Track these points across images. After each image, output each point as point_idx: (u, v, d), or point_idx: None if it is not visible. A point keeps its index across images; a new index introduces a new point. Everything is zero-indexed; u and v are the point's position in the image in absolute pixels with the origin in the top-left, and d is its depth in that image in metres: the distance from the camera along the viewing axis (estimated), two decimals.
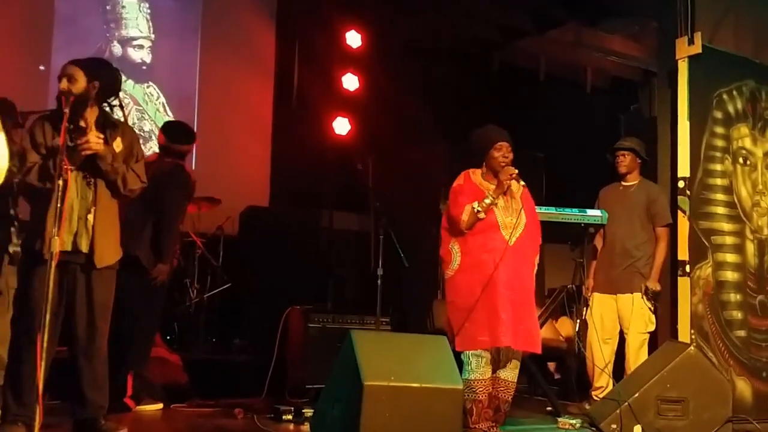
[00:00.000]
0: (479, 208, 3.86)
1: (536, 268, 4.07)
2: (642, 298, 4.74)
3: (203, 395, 4.62)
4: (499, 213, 3.92)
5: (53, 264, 3.04)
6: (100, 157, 3.37)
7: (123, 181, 3.47)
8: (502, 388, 3.90)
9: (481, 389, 3.84)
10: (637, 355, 4.70)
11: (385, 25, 7.20)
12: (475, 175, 4.07)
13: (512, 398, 4.01)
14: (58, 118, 3.37)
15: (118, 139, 3.52)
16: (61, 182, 3.12)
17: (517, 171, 3.93)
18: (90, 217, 3.39)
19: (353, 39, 7.19)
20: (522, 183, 3.99)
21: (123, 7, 6.87)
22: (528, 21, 7.63)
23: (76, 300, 3.42)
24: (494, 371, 3.89)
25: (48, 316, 2.98)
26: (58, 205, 3.10)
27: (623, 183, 5.00)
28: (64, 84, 3.43)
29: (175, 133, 4.64)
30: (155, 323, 4.54)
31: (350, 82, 7.20)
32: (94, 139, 3.34)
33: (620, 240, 4.84)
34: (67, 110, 3.26)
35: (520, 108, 7.45)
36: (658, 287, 4.75)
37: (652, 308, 4.77)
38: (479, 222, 3.88)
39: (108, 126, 3.52)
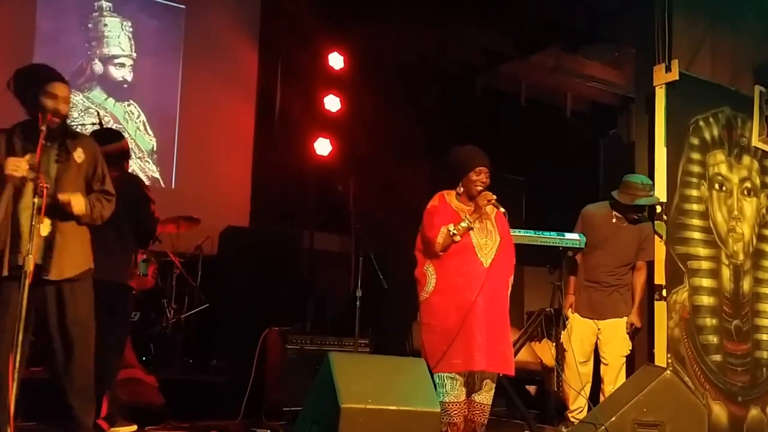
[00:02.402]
0: (455, 231, 3.86)
1: (510, 289, 4.05)
2: (626, 322, 4.76)
3: (179, 417, 4.56)
4: (474, 235, 3.92)
5: (27, 282, 3.04)
6: (80, 216, 3.38)
7: (101, 218, 3.49)
8: (477, 412, 3.89)
9: (455, 412, 3.82)
10: (617, 379, 4.71)
11: (367, 47, 7.25)
12: (450, 196, 4.06)
13: (490, 422, 3.99)
14: (31, 131, 3.32)
15: (80, 149, 3.45)
16: (36, 200, 3.11)
17: (495, 197, 3.93)
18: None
19: (336, 60, 7.23)
20: (502, 210, 3.95)
21: (105, 25, 6.87)
22: (510, 46, 7.72)
23: (48, 317, 3.34)
24: (469, 394, 3.88)
25: (20, 336, 2.96)
26: (32, 224, 3.09)
27: (617, 214, 4.86)
28: (65, 108, 3.43)
29: (99, 137, 4.31)
30: (125, 340, 4.50)
31: (332, 103, 7.23)
32: (78, 202, 3.35)
33: (606, 269, 4.81)
34: (44, 128, 3.26)
35: (500, 131, 7.52)
36: (640, 323, 4.78)
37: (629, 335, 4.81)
38: (455, 244, 3.88)
39: (69, 136, 3.48)
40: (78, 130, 3.72)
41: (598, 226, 4.87)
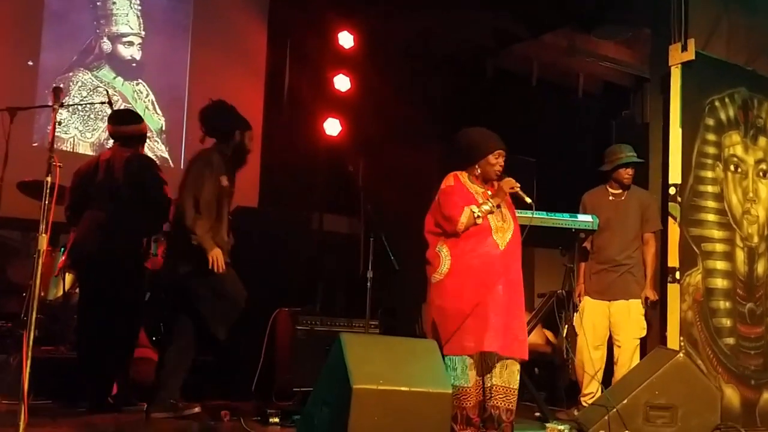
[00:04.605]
0: (479, 213, 3.83)
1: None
2: (641, 305, 4.75)
3: (189, 397, 4.56)
4: (492, 217, 3.89)
5: (40, 261, 3.04)
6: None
7: None
8: (500, 396, 3.81)
9: (464, 395, 3.78)
10: (630, 361, 4.70)
11: (377, 26, 7.18)
12: (463, 177, 4.02)
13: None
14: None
15: None
16: (48, 179, 3.10)
17: (519, 185, 3.90)
18: None
19: (345, 40, 7.17)
20: (529, 200, 3.90)
21: (113, 3, 6.81)
22: (521, 26, 7.63)
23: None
24: (484, 377, 3.83)
25: (34, 315, 2.97)
26: (46, 202, 3.10)
27: (612, 191, 4.97)
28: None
29: (119, 117, 4.57)
30: (140, 320, 4.51)
31: (342, 83, 7.18)
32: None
33: (614, 249, 4.84)
34: (57, 105, 3.26)
35: (511, 112, 7.44)
36: (656, 296, 4.78)
37: (645, 314, 4.79)
38: (473, 226, 3.84)
39: None
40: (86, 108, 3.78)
41: (599, 208, 4.92)
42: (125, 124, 4.47)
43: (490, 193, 3.94)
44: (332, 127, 7.12)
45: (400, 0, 6.87)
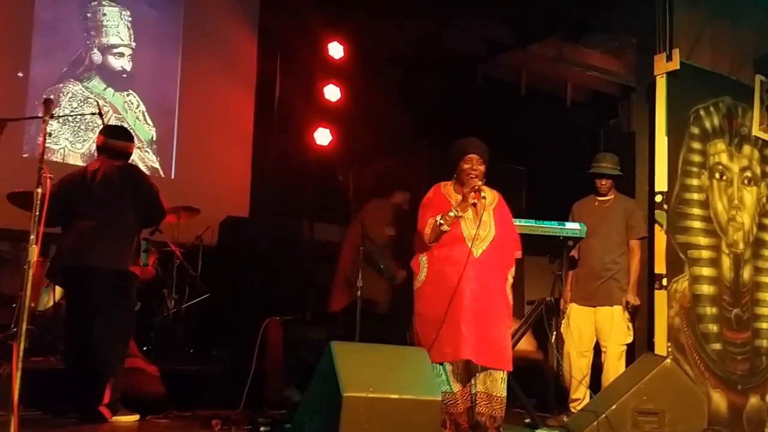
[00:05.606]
0: (442, 221, 3.84)
1: (511, 281, 4.02)
2: (623, 311, 4.79)
3: (180, 406, 4.57)
4: (465, 225, 3.89)
5: (31, 272, 3.05)
6: None
7: None
8: (484, 402, 3.84)
9: (452, 401, 3.81)
10: (616, 367, 4.74)
11: (367, 36, 7.22)
12: (446, 187, 4.06)
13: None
14: None
15: None
16: (39, 190, 3.11)
17: (480, 183, 3.89)
18: None
19: (335, 50, 7.21)
20: (483, 196, 3.86)
21: (104, 14, 6.84)
22: (510, 35, 7.70)
23: None
24: (469, 384, 3.86)
25: (24, 325, 2.97)
26: (37, 213, 3.11)
27: (599, 198, 5.05)
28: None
29: (114, 132, 4.63)
30: (131, 328, 4.52)
31: (332, 93, 7.21)
32: None
33: (598, 255, 4.89)
34: (47, 116, 3.28)
35: (501, 121, 7.51)
36: (637, 301, 4.82)
37: (631, 320, 4.83)
38: (445, 234, 3.86)
39: None
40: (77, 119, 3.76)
41: (585, 215, 5.00)
42: (119, 139, 4.51)
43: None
44: (323, 136, 7.15)
45: (389, 11, 6.92)
